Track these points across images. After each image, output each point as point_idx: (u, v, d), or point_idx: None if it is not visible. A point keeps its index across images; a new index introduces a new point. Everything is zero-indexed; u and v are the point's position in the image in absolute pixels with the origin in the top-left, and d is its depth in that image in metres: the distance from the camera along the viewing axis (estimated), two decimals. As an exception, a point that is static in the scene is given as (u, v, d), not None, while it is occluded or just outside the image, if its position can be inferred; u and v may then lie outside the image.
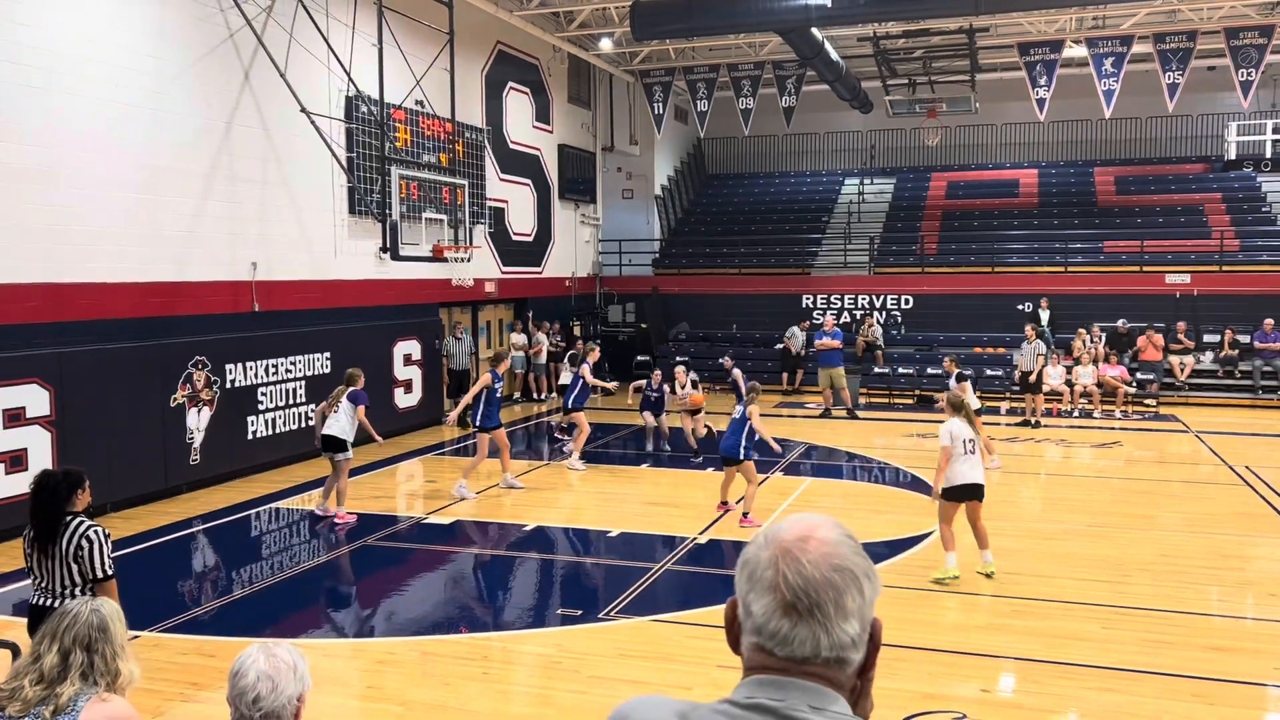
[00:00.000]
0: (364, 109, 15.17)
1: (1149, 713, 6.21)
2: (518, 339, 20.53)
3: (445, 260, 16.97)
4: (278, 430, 13.91)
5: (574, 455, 14.03)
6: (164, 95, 12.17)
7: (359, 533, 10.67)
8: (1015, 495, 12.56)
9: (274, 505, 12.01)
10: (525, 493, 12.53)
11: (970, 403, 13.95)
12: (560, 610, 8.55)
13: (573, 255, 24.22)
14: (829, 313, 22.21)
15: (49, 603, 4.86)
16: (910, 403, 20.77)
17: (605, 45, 22.31)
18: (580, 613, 8.25)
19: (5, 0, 10.24)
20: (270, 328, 13.86)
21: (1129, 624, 7.78)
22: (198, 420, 12.57)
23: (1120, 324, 20.67)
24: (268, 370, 13.73)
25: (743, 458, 10.71)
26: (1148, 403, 19.77)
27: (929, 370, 21.31)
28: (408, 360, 17.01)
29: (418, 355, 17.28)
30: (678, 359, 18.08)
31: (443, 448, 16.00)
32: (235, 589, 9.06)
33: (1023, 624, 7.85)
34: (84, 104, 11.14)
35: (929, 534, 9.56)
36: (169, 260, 12.36)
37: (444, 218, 16.91)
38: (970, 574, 8.72)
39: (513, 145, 20.95)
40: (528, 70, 21.50)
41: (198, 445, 12.57)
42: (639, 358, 22.96)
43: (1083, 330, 20.14)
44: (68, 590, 4.90)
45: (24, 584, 6.77)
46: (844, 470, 14.58)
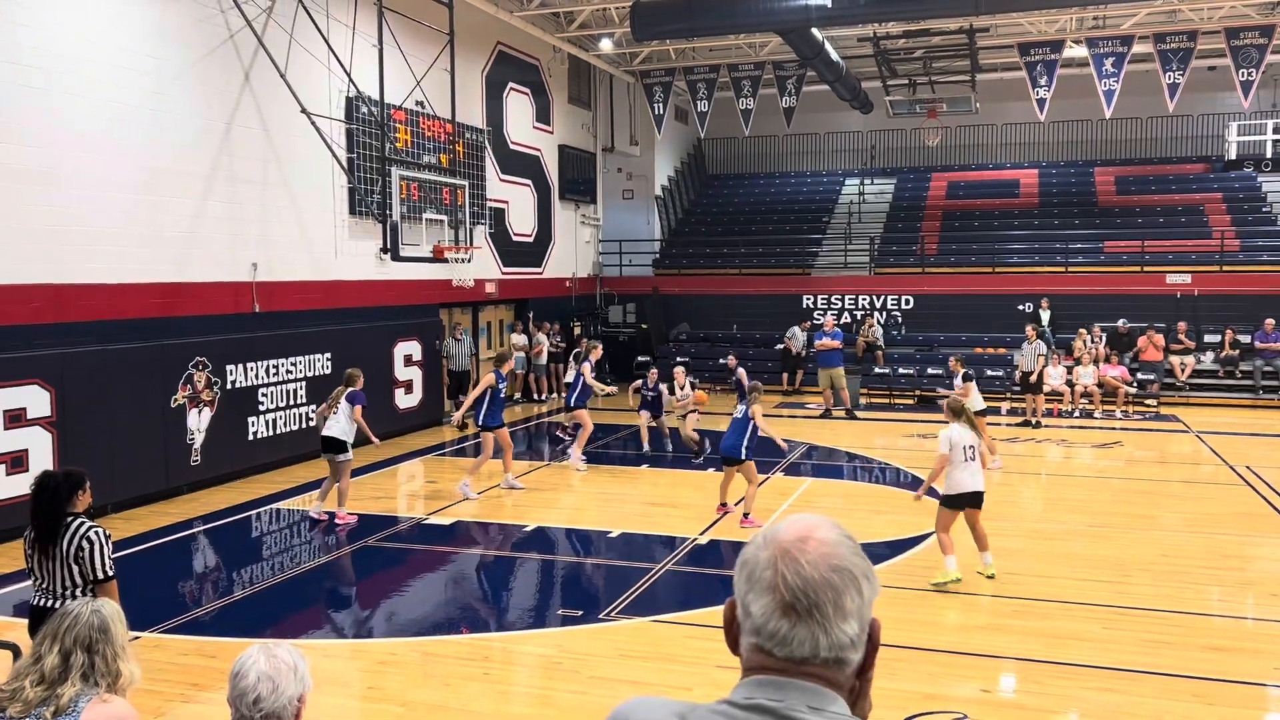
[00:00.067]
0: (364, 109, 15.17)
1: (1149, 713, 6.22)
2: (518, 340, 20.53)
3: (446, 261, 16.99)
4: (278, 431, 13.92)
5: (576, 454, 14.03)
6: (164, 96, 12.18)
7: (360, 533, 10.68)
8: (1016, 495, 12.57)
9: (275, 506, 12.02)
10: (526, 493, 12.54)
11: (975, 402, 14.01)
12: (561, 611, 8.56)
13: (573, 256, 24.22)
14: (829, 313, 22.19)
15: (50, 604, 4.87)
16: (911, 403, 20.77)
17: (605, 46, 22.32)
18: (581, 613, 8.25)
19: (5, 1, 10.25)
20: (271, 328, 13.86)
21: (1129, 624, 7.78)
22: (198, 421, 12.58)
23: (1121, 324, 20.67)
24: (268, 371, 13.74)
25: (744, 458, 10.71)
26: (1148, 403, 19.77)
27: (929, 370, 21.33)
28: (408, 361, 17.01)
29: (418, 356, 17.28)
30: (678, 359, 18.07)
31: (443, 448, 16.00)
32: (236, 590, 9.07)
33: (1023, 624, 7.85)
34: (84, 105, 11.15)
35: (929, 534, 9.55)
36: (169, 261, 12.37)
37: (444, 218, 16.91)
38: (970, 574, 8.72)
39: (513, 146, 20.95)
40: (528, 71, 21.51)
41: (198, 446, 12.57)
42: (639, 358, 22.97)
43: (1083, 330, 20.14)
44: (68, 591, 4.90)
45: (25, 585, 6.77)
46: (844, 470, 14.59)
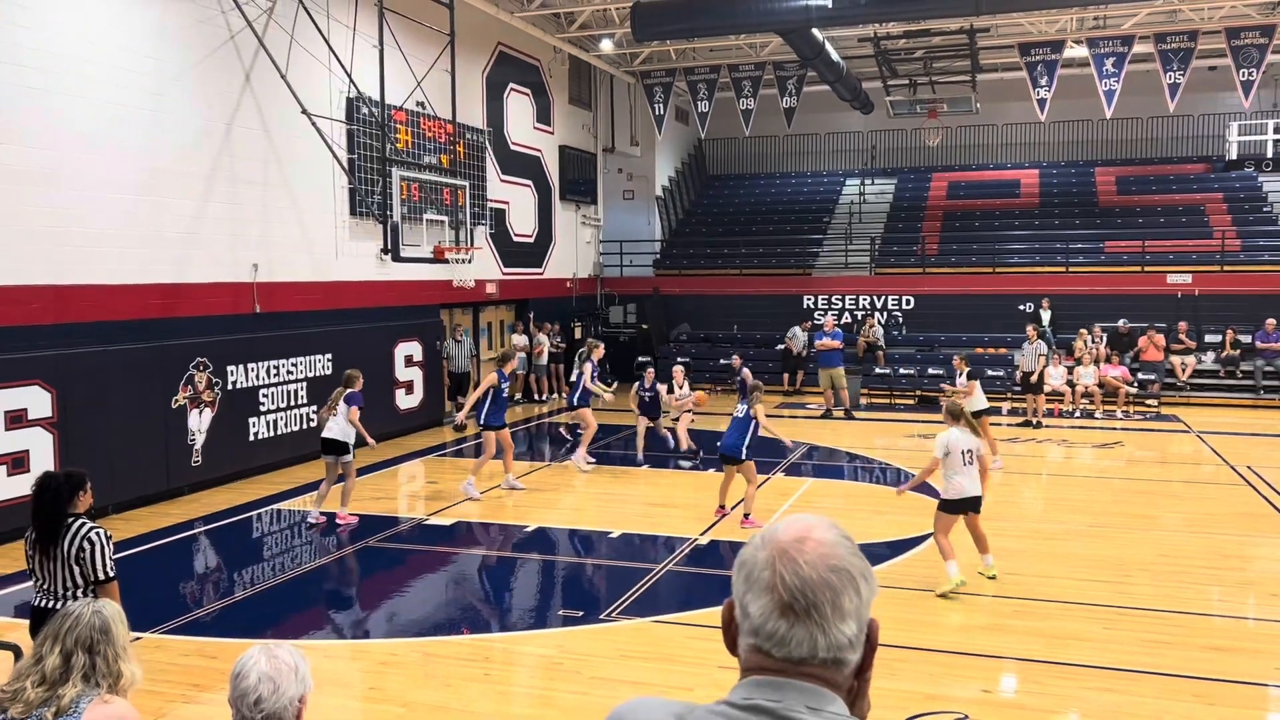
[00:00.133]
0: (365, 110, 15.18)
1: (1149, 713, 6.22)
2: (519, 340, 20.53)
3: (446, 261, 17.00)
4: (279, 432, 13.92)
5: (581, 455, 13.94)
6: (165, 97, 12.18)
7: (360, 534, 10.68)
8: (1016, 495, 12.57)
9: (276, 507, 12.02)
10: (527, 494, 12.54)
11: (979, 402, 14.01)
12: (562, 611, 8.56)
13: (574, 256, 24.22)
14: (830, 313, 22.20)
15: (51, 604, 4.87)
16: (911, 403, 20.77)
17: (606, 46, 22.32)
18: (581, 614, 8.25)
19: (5, 2, 10.26)
20: (271, 329, 13.87)
21: (1130, 624, 7.79)
22: (199, 422, 12.58)
23: (1121, 324, 20.67)
24: (269, 372, 13.74)
25: (744, 458, 10.71)
26: (1149, 403, 19.76)
27: (930, 371, 21.32)
28: (409, 361, 17.01)
29: (419, 357, 17.28)
30: (678, 360, 18.04)
31: (444, 449, 16.00)
32: (237, 590, 9.07)
33: (1023, 624, 7.85)
34: (85, 105, 11.15)
35: (929, 535, 9.54)
36: (170, 262, 12.37)
37: (445, 219, 16.91)
38: (971, 575, 8.71)
39: (514, 146, 20.95)
40: (528, 71, 21.51)
41: (199, 447, 12.58)
42: (640, 358, 22.97)
43: (1084, 330, 20.14)
44: (69, 592, 4.91)
45: (26, 586, 6.78)
46: (845, 471, 14.58)
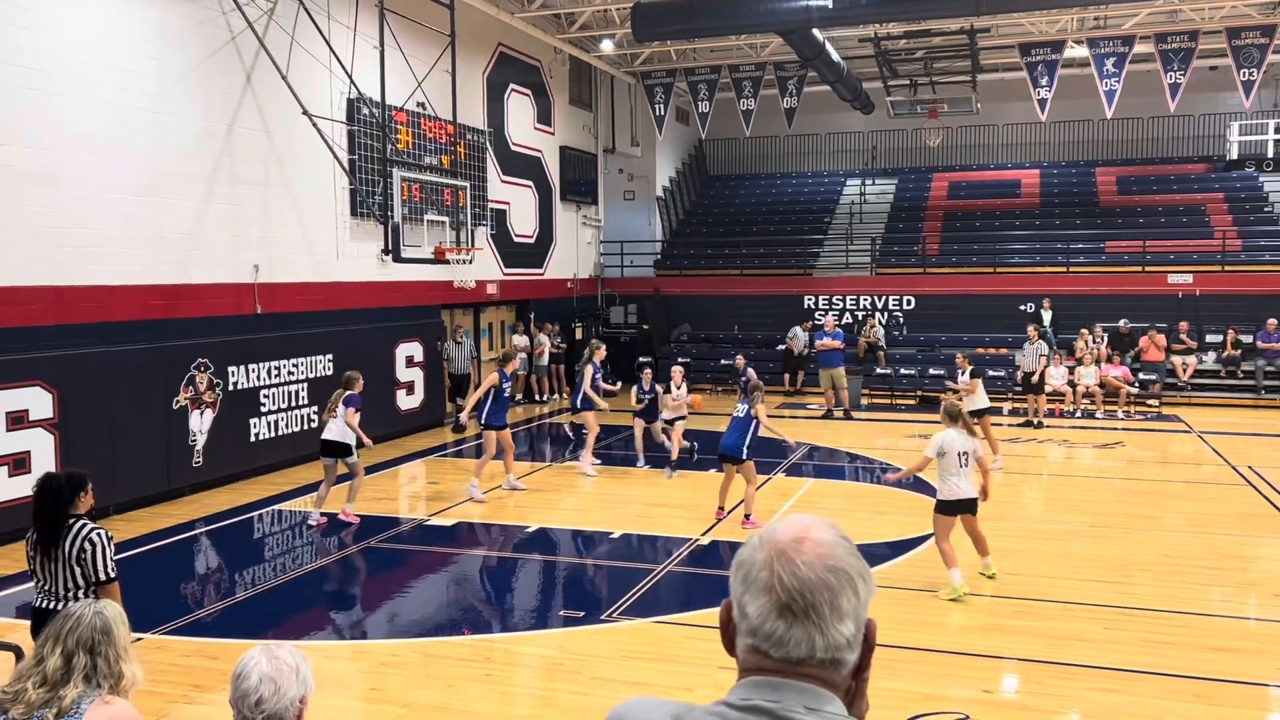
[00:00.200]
0: (365, 111, 15.19)
1: (1151, 713, 6.21)
2: (520, 340, 20.53)
3: (447, 262, 17.00)
4: (280, 432, 13.93)
5: (585, 459, 13.81)
6: (166, 98, 12.19)
7: (362, 535, 10.69)
8: (1017, 496, 12.56)
9: (277, 507, 12.03)
10: (528, 494, 12.54)
11: (981, 401, 14.02)
12: (563, 612, 8.56)
13: (574, 257, 24.22)
14: (830, 313, 22.20)
15: (52, 605, 4.88)
16: (912, 404, 20.76)
17: (606, 47, 22.32)
18: (582, 614, 8.25)
19: (7, 3, 10.27)
20: (272, 330, 13.87)
21: (1131, 624, 7.78)
22: (200, 422, 12.59)
23: (1122, 324, 20.66)
24: (270, 372, 13.75)
25: (744, 457, 10.70)
26: (1150, 403, 19.75)
27: (931, 371, 21.32)
28: (410, 362, 17.02)
29: (420, 357, 17.28)
30: (679, 360, 18.03)
31: (444, 449, 16.00)
32: (238, 591, 9.07)
33: (1024, 625, 7.85)
34: (86, 107, 11.16)
35: (930, 535, 9.54)
36: (171, 263, 12.38)
37: (446, 219, 16.91)
38: (971, 575, 8.70)
39: (514, 147, 20.96)
40: (529, 72, 21.52)
41: (200, 447, 12.58)
42: (641, 359, 22.95)
43: (1085, 330, 20.13)
44: (70, 593, 4.91)
45: (27, 587, 6.79)
46: (846, 471, 14.59)
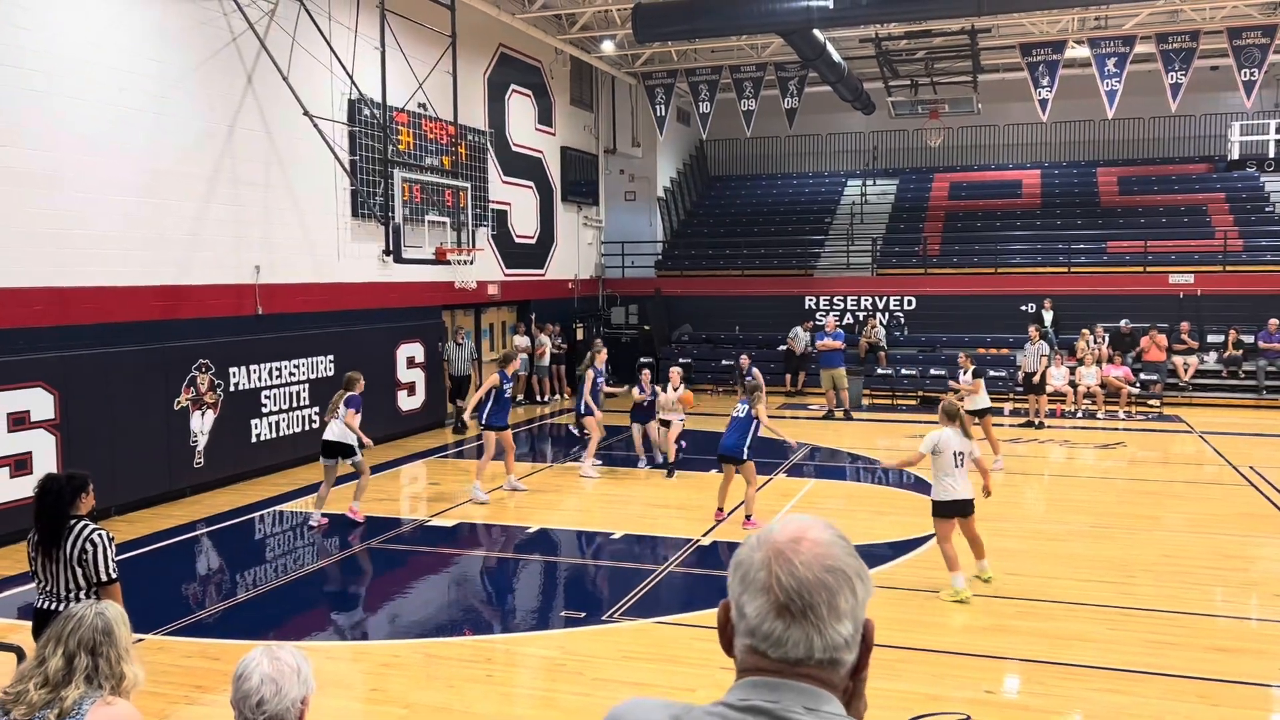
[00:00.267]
0: (366, 112, 15.19)
1: (1153, 713, 6.21)
2: (521, 341, 20.54)
3: (448, 263, 17.00)
4: (281, 433, 13.93)
5: (587, 462, 13.79)
6: (167, 99, 12.20)
7: (363, 535, 10.69)
8: (1019, 496, 12.55)
9: (278, 508, 12.03)
10: (529, 495, 12.54)
11: (982, 401, 14.02)
12: (564, 612, 8.56)
13: (575, 257, 24.22)
14: (831, 314, 22.21)
15: (53, 606, 4.88)
16: (913, 404, 20.75)
17: (607, 47, 22.32)
18: (584, 615, 8.25)
19: (7, 4, 10.27)
20: (273, 331, 13.88)
21: (1133, 625, 7.78)
22: (201, 423, 12.59)
23: (1123, 324, 20.65)
24: (271, 373, 13.75)
25: (745, 458, 10.70)
26: (1151, 403, 19.74)
27: (932, 371, 21.32)
28: (411, 363, 17.02)
29: (421, 358, 17.28)
30: (680, 360, 18.03)
31: (445, 450, 16.01)
32: (239, 592, 9.08)
33: (1026, 625, 7.84)
34: (87, 108, 11.16)
35: (932, 535, 9.54)
36: (172, 263, 12.38)
37: (447, 220, 16.91)
38: (971, 576, 8.70)
39: (515, 148, 20.96)
40: (530, 73, 21.52)
41: (201, 448, 12.59)
42: (641, 359, 22.96)
43: (1086, 331, 20.11)
44: (72, 594, 4.92)
45: (28, 588, 6.79)
46: (847, 472, 14.58)
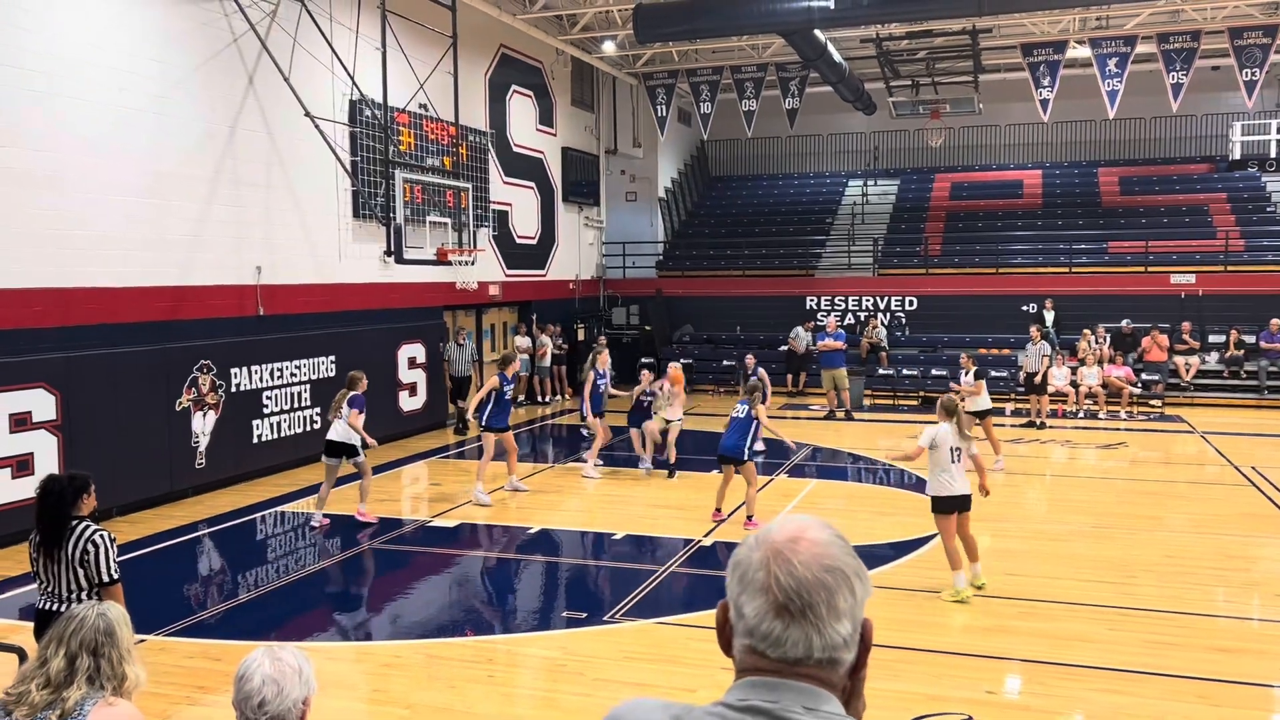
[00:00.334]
0: (367, 112, 15.20)
1: (1154, 714, 6.21)
2: (522, 342, 20.54)
3: (449, 263, 17.00)
4: (283, 434, 13.93)
5: (589, 463, 13.80)
6: (168, 100, 12.21)
7: (364, 536, 10.69)
8: (1020, 496, 12.55)
9: (279, 509, 12.03)
10: (530, 495, 12.55)
11: (984, 401, 14.02)
12: (565, 613, 8.56)
13: (577, 258, 24.23)
14: (833, 314, 22.21)
15: (55, 607, 4.89)
16: (915, 404, 20.75)
17: (608, 48, 22.33)
18: (585, 615, 8.25)
19: (8, 5, 10.29)
20: (275, 331, 13.88)
21: (1134, 625, 7.78)
22: (203, 424, 12.60)
23: (1125, 324, 20.64)
24: (273, 374, 13.76)
25: (745, 458, 10.70)
26: (1153, 403, 19.73)
27: (933, 371, 21.32)
28: (412, 364, 17.02)
29: (422, 359, 17.29)
30: (680, 361, 18.01)
31: (446, 450, 16.01)
32: (241, 593, 9.08)
33: (1028, 625, 7.84)
34: (88, 109, 11.17)
35: (934, 535, 9.53)
36: (174, 264, 12.39)
37: (448, 221, 16.92)
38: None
39: (516, 148, 20.97)
40: (531, 73, 21.53)
41: (203, 449, 12.59)
42: (642, 360, 22.96)
43: (1087, 331, 20.11)
44: (73, 594, 4.92)
45: (30, 588, 6.80)
46: (848, 472, 14.58)
